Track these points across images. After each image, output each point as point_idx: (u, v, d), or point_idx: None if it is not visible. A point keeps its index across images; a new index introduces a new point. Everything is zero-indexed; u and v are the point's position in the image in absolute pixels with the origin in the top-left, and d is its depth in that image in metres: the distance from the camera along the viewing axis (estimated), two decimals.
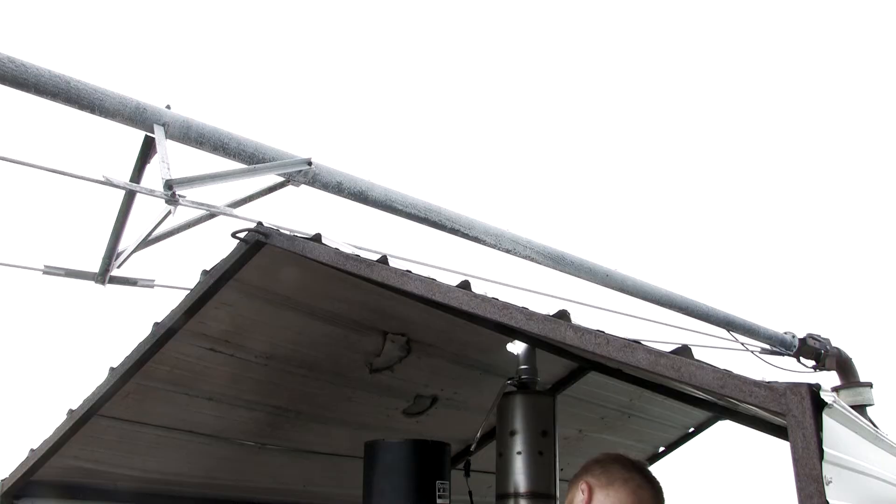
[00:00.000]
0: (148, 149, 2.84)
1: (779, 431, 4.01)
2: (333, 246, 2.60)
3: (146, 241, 3.19)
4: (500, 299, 2.05)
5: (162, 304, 3.17)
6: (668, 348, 1.80)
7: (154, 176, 2.75)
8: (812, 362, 5.41)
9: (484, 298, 2.04)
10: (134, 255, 3.25)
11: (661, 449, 5.75)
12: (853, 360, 5.48)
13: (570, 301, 4.02)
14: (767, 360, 5.26)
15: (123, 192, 2.97)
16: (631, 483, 2.14)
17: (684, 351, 1.79)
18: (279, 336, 3.41)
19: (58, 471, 3.50)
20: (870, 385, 5.31)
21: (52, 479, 3.53)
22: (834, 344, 5.43)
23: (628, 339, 1.79)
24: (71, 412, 3.31)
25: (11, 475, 3.47)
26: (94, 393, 3.25)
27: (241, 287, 3.11)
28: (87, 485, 3.64)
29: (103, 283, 3.35)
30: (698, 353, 1.79)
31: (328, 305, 3.35)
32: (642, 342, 1.80)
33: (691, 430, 5.78)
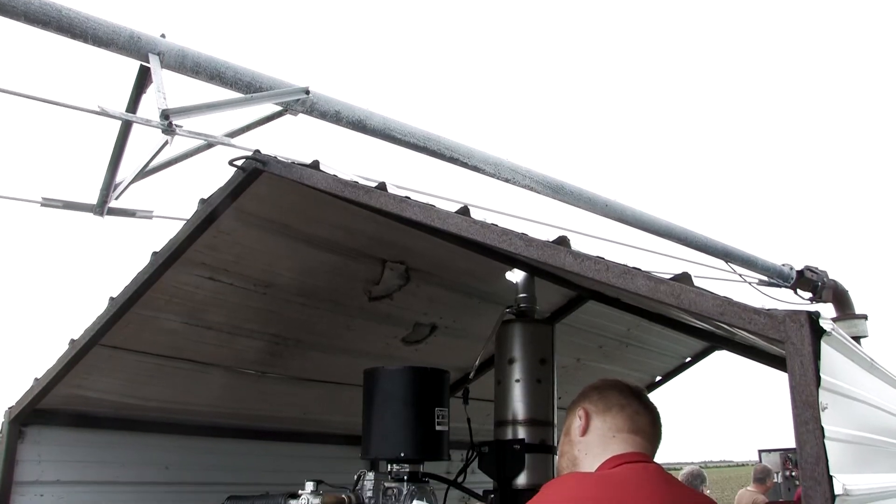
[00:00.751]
0: (143, 79, 2.80)
1: (774, 361, 4.04)
2: (331, 172, 2.58)
3: (144, 172, 3.16)
4: (499, 225, 2.03)
5: (161, 235, 3.17)
6: (668, 276, 1.79)
7: (150, 106, 2.72)
8: (809, 294, 5.44)
9: (483, 224, 2.02)
10: (132, 186, 3.23)
11: (658, 378, 5.82)
12: (849, 293, 5.51)
13: (569, 230, 4.01)
14: (765, 292, 5.28)
15: (120, 122, 2.93)
16: (628, 409, 2.14)
17: (684, 278, 1.78)
18: (278, 264, 3.41)
19: (62, 399, 3.54)
20: (865, 317, 5.35)
21: (56, 408, 3.57)
22: (831, 276, 5.45)
23: (628, 266, 1.78)
24: (72, 342, 3.33)
25: (18, 403, 3.51)
26: (94, 323, 3.27)
27: (240, 215, 3.10)
28: (90, 413, 3.69)
29: (102, 214, 3.33)
30: (697, 284, 1.78)
31: (327, 233, 3.34)
32: (642, 269, 1.79)
33: (688, 359, 5.85)
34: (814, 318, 1.60)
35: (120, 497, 3.78)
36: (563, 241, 1.94)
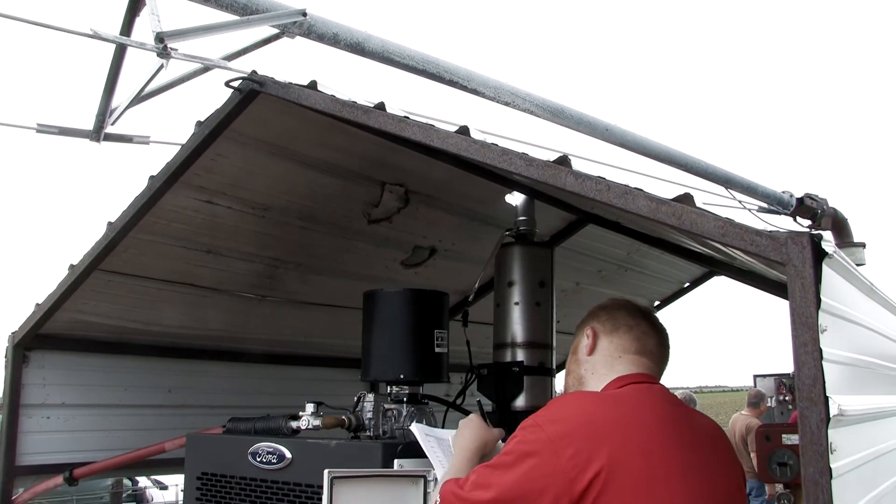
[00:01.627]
0: (137, 1, 2.73)
1: (773, 286, 4.05)
2: (329, 93, 2.54)
3: (139, 97, 3.12)
4: (499, 145, 2.01)
5: (158, 161, 3.13)
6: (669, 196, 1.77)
7: (145, 29, 2.66)
8: (808, 222, 5.42)
9: (483, 144, 2.00)
10: (128, 111, 3.20)
11: (657, 303, 5.85)
12: (848, 221, 5.50)
13: (570, 154, 3.98)
14: (764, 219, 5.27)
15: (114, 47, 2.88)
16: (636, 329, 2.14)
17: (686, 199, 1.77)
18: (276, 187, 3.39)
19: (64, 325, 3.56)
20: (863, 245, 5.36)
21: (58, 333, 3.60)
22: (830, 205, 5.43)
23: (629, 186, 1.77)
24: (72, 267, 3.33)
25: (20, 329, 3.54)
26: (93, 248, 3.26)
27: (237, 137, 3.06)
28: (93, 337, 3.72)
29: (98, 140, 3.30)
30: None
31: (325, 155, 3.31)
32: (644, 189, 1.78)
33: (686, 284, 5.87)
34: (816, 240, 1.60)
35: (124, 420, 3.84)
36: (563, 161, 1.92)
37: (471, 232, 4.16)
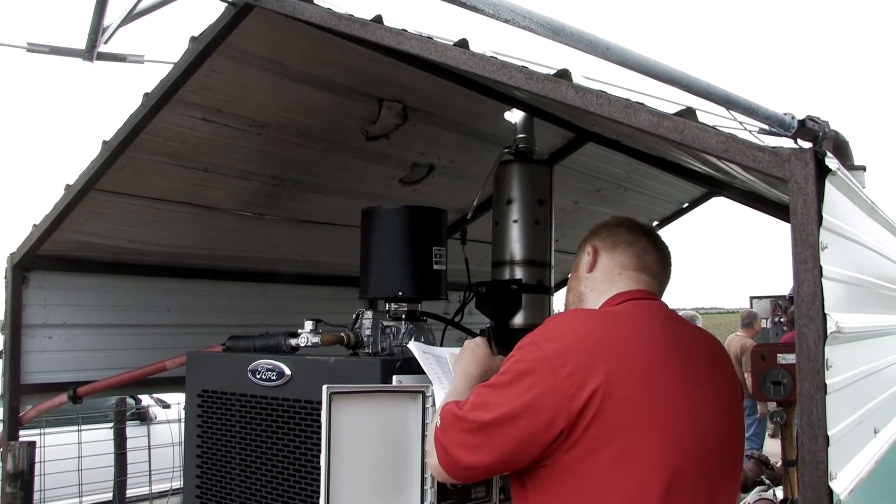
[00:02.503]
0: None
1: (773, 207, 4.05)
2: (325, 6, 2.48)
3: (132, 15, 3.05)
4: (498, 58, 1.97)
5: (153, 80, 3.07)
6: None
7: None
8: (809, 144, 5.36)
9: (482, 57, 1.96)
10: (121, 29, 3.13)
11: (656, 223, 5.84)
12: (849, 144, 5.44)
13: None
14: (765, 141, 5.21)
15: None
16: (636, 246, 2.13)
17: (688, 113, 1.74)
18: (272, 104, 3.34)
19: (62, 245, 3.55)
20: (863, 169, 5.32)
21: (57, 253, 3.60)
22: (832, 127, 5.36)
23: (630, 101, 1.74)
24: (68, 187, 3.31)
25: (19, 249, 3.53)
26: (88, 167, 3.23)
27: (232, 53, 3.00)
28: (91, 258, 3.72)
29: (91, 59, 3.24)
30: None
31: (321, 72, 3.25)
32: (645, 104, 1.74)
33: (685, 205, 5.85)
34: (819, 156, 1.58)
35: (124, 339, 3.87)
36: (564, 75, 1.88)
37: (469, 149, 4.12)
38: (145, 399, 7.00)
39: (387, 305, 2.89)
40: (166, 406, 7.03)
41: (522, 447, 1.81)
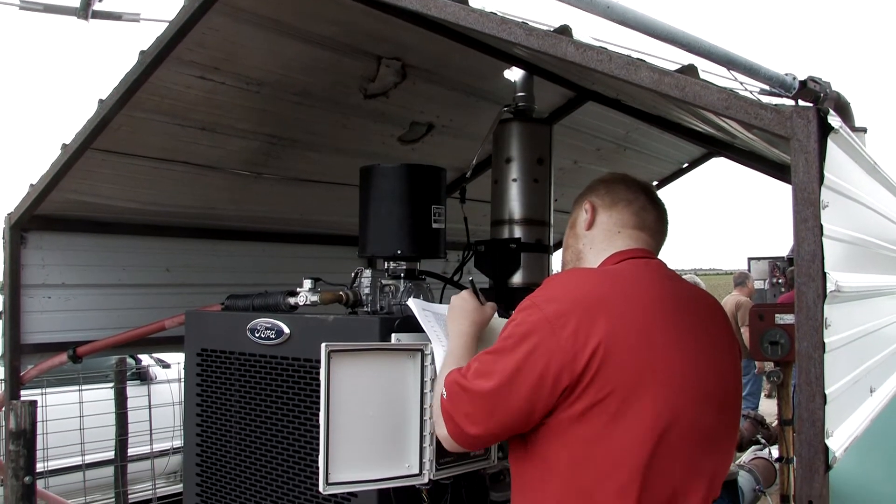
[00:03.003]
0: None
1: (773, 167, 4.03)
2: None
3: None
4: (498, 14, 1.94)
5: (149, 39, 3.03)
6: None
7: None
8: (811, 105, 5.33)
9: (482, 13, 1.93)
10: None
11: (655, 183, 5.83)
12: (851, 106, 5.41)
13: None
14: (767, 101, 5.17)
15: None
16: (635, 204, 2.12)
17: (690, 70, 1.73)
18: (270, 62, 3.31)
19: (59, 205, 3.53)
20: (864, 130, 5.30)
21: (55, 213, 3.58)
22: (833, 88, 5.33)
23: (631, 57, 1.72)
24: (64, 147, 3.28)
25: (16, 210, 3.52)
26: (84, 127, 3.20)
27: (229, 10, 2.96)
28: (89, 218, 3.71)
29: (86, 18, 3.20)
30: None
31: (319, 29, 3.21)
32: (646, 60, 1.73)
33: (685, 165, 5.84)
34: (822, 114, 1.57)
35: (123, 299, 3.87)
36: (564, 31, 1.86)
37: (469, 108, 4.09)
38: (145, 359, 7.03)
39: (385, 264, 2.88)
40: (166, 366, 7.06)
41: (529, 410, 1.81)
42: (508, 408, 1.82)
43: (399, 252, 2.76)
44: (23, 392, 3.58)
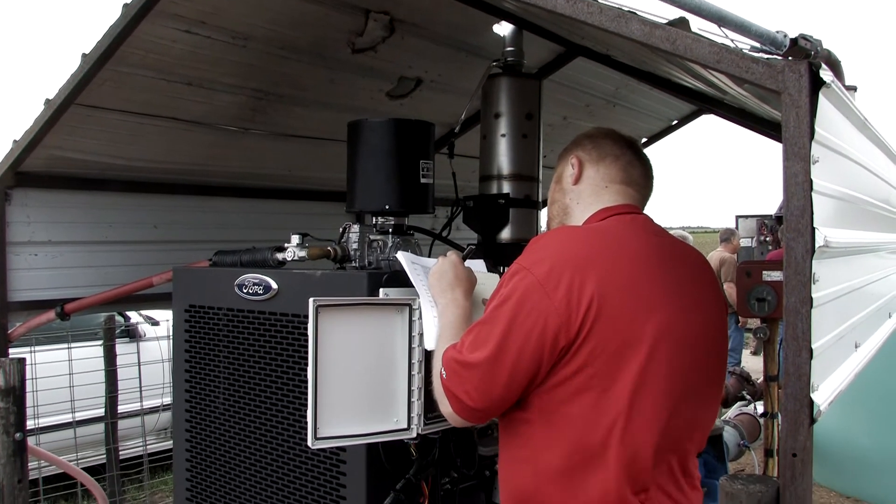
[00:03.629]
0: None
1: (763, 124, 4.02)
2: None
3: None
4: None
5: None
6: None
7: None
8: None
9: None
10: None
11: (644, 140, 5.81)
12: (842, 64, 5.39)
13: None
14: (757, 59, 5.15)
15: None
16: (622, 160, 2.11)
17: (681, 23, 1.71)
18: (257, 15, 3.25)
19: (45, 162, 3.48)
20: (854, 89, 5.29)
21: (40, 170, 3.53)
22: (825, 46, 5.30)
23: (622, 10, 1.69)
24: (48, 102, 3.23)
25: (0, 166, 3.47)
26: (68, 81, 3.14)
27: None
28: (74, 174, 3.65)
29: None
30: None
31: None
32: (637, 13, 1.71)
33: (675, 122, 5.82)
34: (814, 68, 1.56)
35: (110, 256, 3.84)
36: None
37: (458, 63, 4.05)
38: (134, 316, 7.03)
39: (374, 219, 2.87)
40: (155, 323, 7.06)
41: (530, 375, 1.82)
42: (509, 376, 1.81)
43: (387, 207, 2.75)
44: (11, 350, 3.57)
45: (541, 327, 1.78)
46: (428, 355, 2.12)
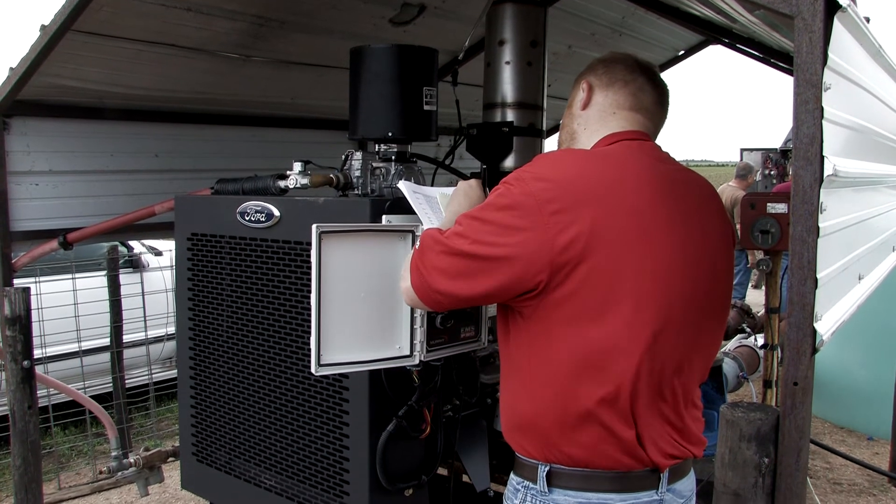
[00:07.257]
0: None
1: (771, 53, 3.95)
2: None
3: None
4: None
5: None
6: None
7: None
8: None
9: None
10: None
11: None
12: None
13: None
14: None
15: None
16: (632, 85, 2.07)
17: None
18: None
19: (42, 90, 3.43)
20: (868, 20, 5.19)
21: (39, 99, 3.49)
22: None
23: None
24: (43, 28, 3.17)
25: None
26: (64, 7, 3.07)
27: None
28: (74, 103, 3.61)
29: None
30: None
31: None
32: None
33: (681, 52, 5.74)
34: None
35: (112, 185, 3.82)
36: None
37: None
38: (137, 247, 7.04)
39: (376, 147, 2.84)
40: (158, 253, 7.07)
41: (502, 283, 1.79)
42: (479, 275, 1.80)
43: (390, 134, 2.71)
44: (16, 281, 3.58)
45: (523, 237, 1.75)
46: None
